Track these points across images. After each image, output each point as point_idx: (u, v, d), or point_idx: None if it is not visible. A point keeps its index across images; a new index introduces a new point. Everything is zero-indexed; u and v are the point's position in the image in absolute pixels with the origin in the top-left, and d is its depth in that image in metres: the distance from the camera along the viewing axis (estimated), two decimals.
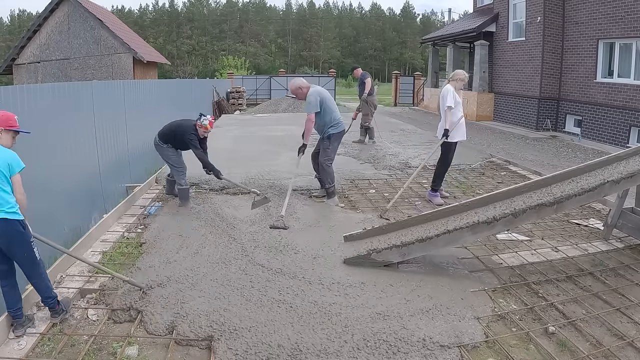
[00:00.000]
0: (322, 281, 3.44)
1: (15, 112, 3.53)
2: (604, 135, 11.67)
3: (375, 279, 3.50)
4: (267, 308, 3.07)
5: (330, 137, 5.36)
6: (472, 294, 3.33)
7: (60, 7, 20.41)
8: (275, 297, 3.20)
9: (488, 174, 7.12)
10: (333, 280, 3.44)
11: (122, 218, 5.09)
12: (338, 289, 3.33)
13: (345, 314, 3.00)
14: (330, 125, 5.32)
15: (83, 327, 2.97)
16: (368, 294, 3.29)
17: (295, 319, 2.94)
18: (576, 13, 12.61)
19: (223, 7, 70.23)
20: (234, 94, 20.27)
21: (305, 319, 2.94)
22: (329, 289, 3.33)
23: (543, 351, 2.70)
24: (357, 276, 3.53)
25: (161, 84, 11.08)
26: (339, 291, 3.31)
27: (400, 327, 2.85)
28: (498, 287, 3.48)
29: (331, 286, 3.37)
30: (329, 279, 3.47)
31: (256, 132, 11.46)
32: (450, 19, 33.81)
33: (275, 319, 2.94)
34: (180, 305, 3.09)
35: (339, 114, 5.48)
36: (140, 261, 3.82)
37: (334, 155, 5.52)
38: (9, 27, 62.97)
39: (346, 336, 2.76)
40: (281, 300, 3.16)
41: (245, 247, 4.06)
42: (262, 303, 3.13)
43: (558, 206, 3.57)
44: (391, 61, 67.34)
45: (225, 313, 2.98)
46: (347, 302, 3.15)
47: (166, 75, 43.68)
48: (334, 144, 5.44)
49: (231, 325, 2.85)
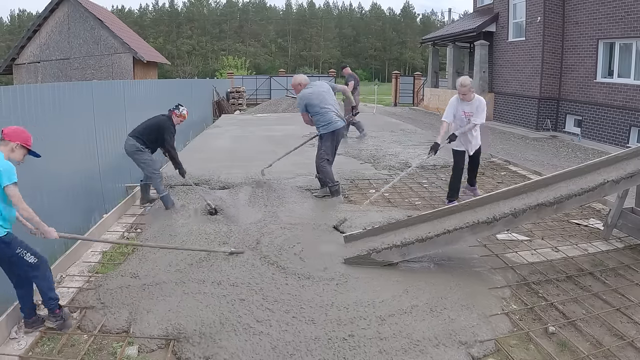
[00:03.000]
0: (314, 275, 3.46)
1: (15, 112, 3.55)
2: (604, 135, 11.67)
3: (370, 274, 3.51)
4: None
5: (322, 137, 5.51)
6: (479, 293, 3.33)
7: (60, 7, 20.41)
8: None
9: (488, 174, 7.12)
10: (322, 273, 3.47)
11: (122, 218, 5.10)
12: (323, 280, 3.35)
13: (332, 312, 3.01)
14: (321, 126, 5.47)
15: (83, 327, 2.97)
16: (358, 284, 3.29)
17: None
18: (576, 13, 12.61)
19: (223, 7, 70.26)
20: (234, 94, 20.28)
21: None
22: (317, 282, 3.34)
23: (543, 351, 2.70)
24: (342, 269, 3.53)
25: (161, 83, 11.08)
26: (327, 284, 3.32)
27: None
28: (498, 287, 3.48)
29: (317, 277, 3.42)
30: (320, 272, 3.48)
31: (256, 132, 11.46)
32: (450, 19, 33.76)
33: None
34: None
35: (331, 114, 5.43)
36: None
37: (328, 154, 5.55)
38: (9, 27, 62.99)
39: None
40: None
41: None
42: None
43: (558, 206, 3.57)
44: (391, 61, 67.35)
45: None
46: (333, 298, 3.17)
47: (166, 75, 43.66)
48: (326, 144, 5.52)
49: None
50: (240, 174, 6.68)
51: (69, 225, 4.44)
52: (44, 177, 3.97)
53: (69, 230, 4.39)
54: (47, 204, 4.02)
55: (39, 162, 3.00)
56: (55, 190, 4.19)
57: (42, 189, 3.95)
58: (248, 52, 59.12)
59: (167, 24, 64.84)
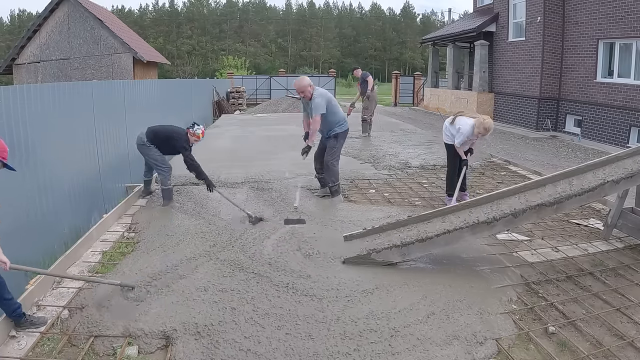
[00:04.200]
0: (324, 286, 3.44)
1: (15, 112, 3.55)
2: (604, 135, 11.67)
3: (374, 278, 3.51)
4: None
5: (337, 136, 5.50)
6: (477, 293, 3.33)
7: (60, 7, 20.40)
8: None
9: (488, 174, 7.12)
10: (330, 282, 3.45)
11: (122, 218, 5.09)
12: (331, 291, 3.34)
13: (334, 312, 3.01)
14: (337, 125, 5.46)
15: (83, 328, 2.97)
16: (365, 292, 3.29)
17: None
18: (576, 13, 12.61)
19: (223, 7, 70.23)
20: (234, 93, 20.28)
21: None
22: (324, 293, 3.33)
23: (543, 351, 2.70)
24: (353, 274, 3.53)
25: (161, 83, 11.07)
26: (333, 296, 3.32)
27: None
28: (498, 287, 3.47)
29: (320, 284, 3.38)
30: (325, 279, 3.48)
31: (256, 132, 11.46)
32: (450, 19, 33.76)
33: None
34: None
35: (343, 113, 5.65)
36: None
37: (339, 154, 5.64)
38: (9, 27, 62.95)
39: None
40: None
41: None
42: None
43: (558, 206, 3.57)
44: (391, 61, 67.33)
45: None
46: (338, 307, 3.16)
47: (166, 75, 43.67)
48: (340, 142, 5.56)
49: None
50: (241, 174, 6.68)
51: (69, 225, 4.45)
52: (44, 177, 3.97)
53: (69, 230, 4.40)
54: (47, 204, 4.03)
55: (39, 162, 3.00)
56: (55, 190, 4.19)
57: (42, 189, 3.95)
58: (248, 52, 59.13)
59: (167, 24, 64.80)
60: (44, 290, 3.36)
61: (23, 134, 3.62)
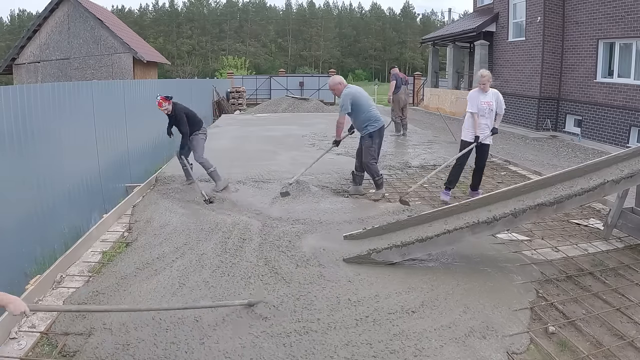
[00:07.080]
0: None
1: (16, 112, 3.55)
2: (604, 135, 11.68)
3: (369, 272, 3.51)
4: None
5: (372, 135, 5.48)
6: None
7: (60, 7, 20.41)
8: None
9: (488, 174, 7.10)
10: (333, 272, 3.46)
11: (122, 218, 5.09)
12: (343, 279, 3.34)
13: None
14: (368, 123, 5.44)
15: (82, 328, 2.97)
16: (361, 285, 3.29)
17: None
18: (576, 13, 12.61)
19: (223, 7, 70.28)
20: (234, 93, 20.30)
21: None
22: (332, 281, 3.34)
23: (543, 351, 2.70)
24: (351, 269, 3.53)
25: (161, 83, 11.09)
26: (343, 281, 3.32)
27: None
28: (498, 287, 3.47)
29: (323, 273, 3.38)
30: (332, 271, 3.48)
31: (256, 132, 11.46)
32: (450, 19, 33.79)
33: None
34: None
35: (375, 111, 5.55)
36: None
37: (378, 153, 5.66)
38: (9, 27, 63.01)
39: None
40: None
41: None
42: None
43: (558, 206, 3.57)
44: (391, 61, 67.32)
45: None
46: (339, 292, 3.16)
47: (166, 75, 43.71)
48: (376, 141, 5.55)
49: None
50: (240, 173, 6.68)
51: (69, 224, 4.45)
52: (44, 176, 3.97)
53: (69, 229, 4.41)
54: (48, 204, 4.03)
55: (39, 162, 3.01)
56: (55, 190, 4.19)
57: (42, 188, 3.95)
58: (248, 52, 59.19)
59: (167, 24, 64.86)
60: (44, 290, 3.37)
61: (22, 132, 3.62)
